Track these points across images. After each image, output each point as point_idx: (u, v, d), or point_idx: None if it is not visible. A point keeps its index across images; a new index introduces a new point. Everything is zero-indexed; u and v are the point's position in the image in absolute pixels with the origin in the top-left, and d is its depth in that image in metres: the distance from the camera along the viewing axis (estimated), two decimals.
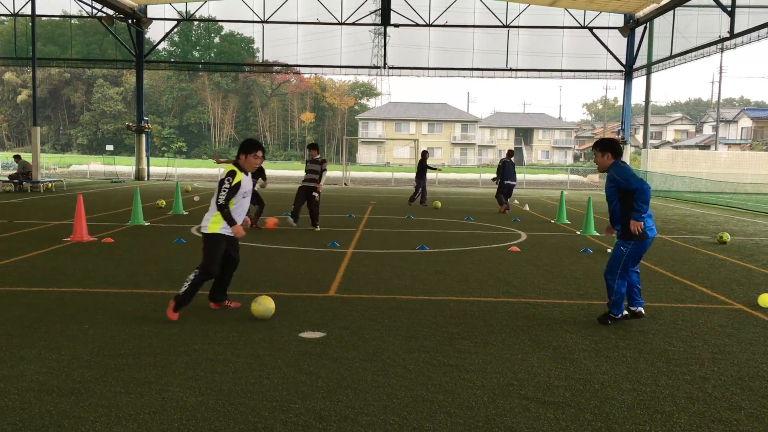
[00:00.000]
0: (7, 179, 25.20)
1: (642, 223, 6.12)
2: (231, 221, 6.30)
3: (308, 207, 14.03)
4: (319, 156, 14.14)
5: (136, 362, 5.11)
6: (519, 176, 21.79)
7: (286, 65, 38.75)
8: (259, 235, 12.77)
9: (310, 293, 7.72)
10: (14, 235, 12.32)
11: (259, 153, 6.41)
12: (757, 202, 26.75)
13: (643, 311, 6.67)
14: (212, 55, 62.24)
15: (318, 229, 13.98)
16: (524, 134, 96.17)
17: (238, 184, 6.32)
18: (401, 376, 4.94)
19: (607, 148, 6.46)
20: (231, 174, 6.30)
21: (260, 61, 38.65)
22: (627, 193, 6.22)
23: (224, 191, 6.26)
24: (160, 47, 40.81)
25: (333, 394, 4.52)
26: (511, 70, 35.22)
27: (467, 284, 8.50)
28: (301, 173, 15.06)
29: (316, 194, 13.92)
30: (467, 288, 8.27)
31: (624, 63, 34.52)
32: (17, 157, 25.81)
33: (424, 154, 22.16)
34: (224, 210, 6.26)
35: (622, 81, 35.20)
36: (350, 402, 4.40)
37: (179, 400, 4.36)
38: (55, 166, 46.90)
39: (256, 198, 14.12)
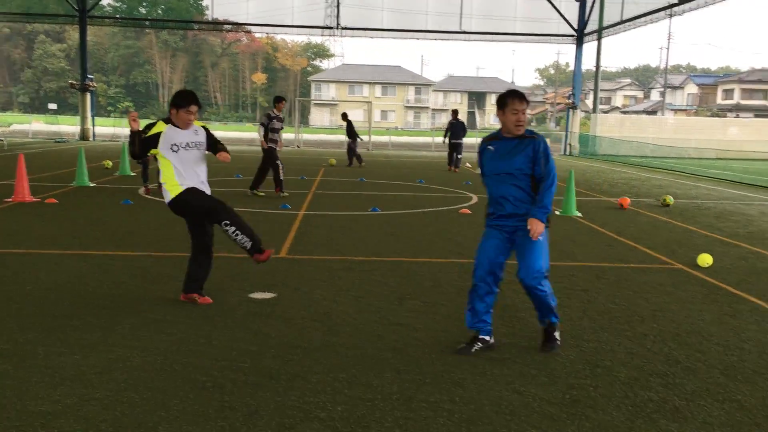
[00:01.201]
0: None
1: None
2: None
3: (274, 171, 12.99)
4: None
5: (81, 323, 5.02)
6: (471, 140, 21.93)
7: (237, 24, 37.82)
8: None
9: None
10: None
11: (193, 108, 5.40)
12: (700, 166, 27.52)
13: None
14: (159, 11, 60.34)
15: (286, 194, 13.05)
16: (477, 98, 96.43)
17: (157, 134, 5.34)
18: (351, 335, 4.97)
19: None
20: (149, 126, 5.43)
21: (210, 19, 37.62)
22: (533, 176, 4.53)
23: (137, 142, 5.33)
24: (104, 2, 39.30)
25: (283, 354, 4.53)
26: (464, 33, 35.13)
27: (418, 246, 8.57)
28: (254, 135, 13.27)
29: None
30: (418, 249, 8.33)
31: (576, 28, 34.73)
32: None
33: (344, 115, 23.06)
34: (131, 148, 5.36)
35: (574, 46, 35.47)
36: (300, 361, 4.42)
37: (125, 360, 4.31)
38: None
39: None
